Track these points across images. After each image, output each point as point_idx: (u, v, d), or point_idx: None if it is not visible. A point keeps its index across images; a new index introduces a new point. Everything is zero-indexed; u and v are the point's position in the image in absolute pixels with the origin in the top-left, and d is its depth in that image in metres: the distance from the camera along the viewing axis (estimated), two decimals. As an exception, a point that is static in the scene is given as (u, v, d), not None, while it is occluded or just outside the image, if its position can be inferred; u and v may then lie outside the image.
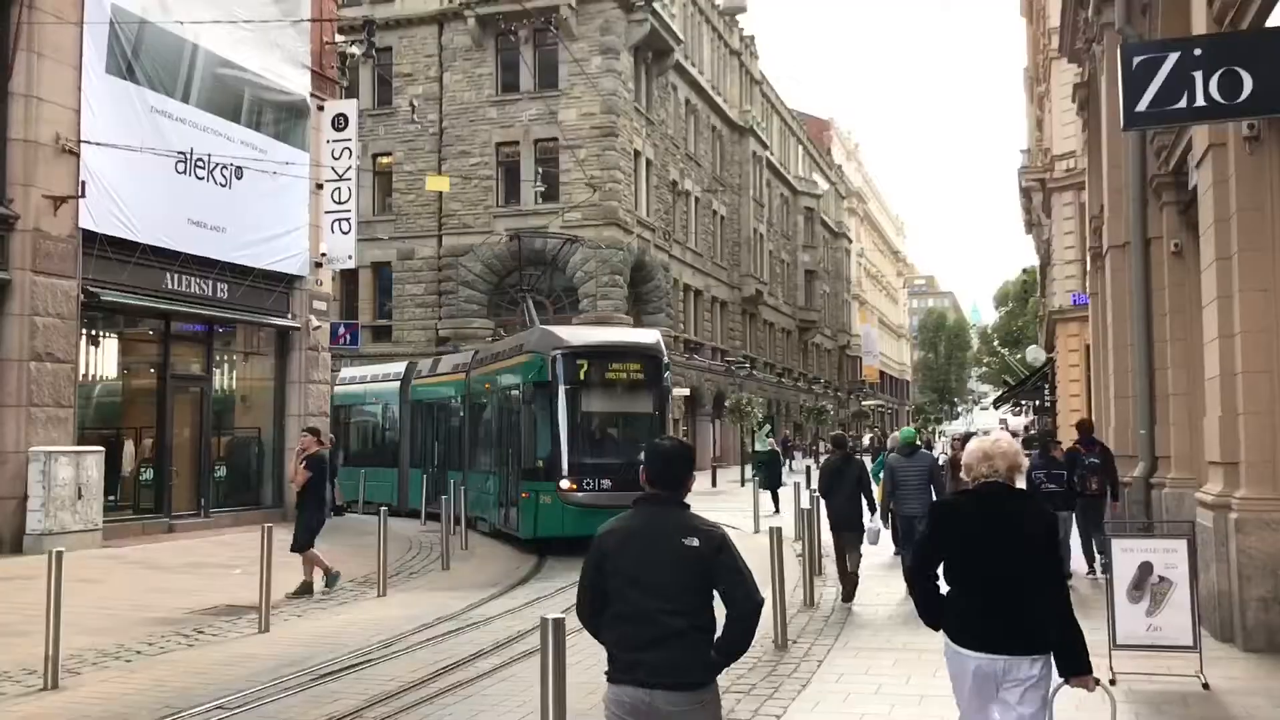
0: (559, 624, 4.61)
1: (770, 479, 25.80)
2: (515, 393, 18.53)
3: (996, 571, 4.40)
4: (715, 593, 3.96)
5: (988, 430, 51.24)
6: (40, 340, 15.56)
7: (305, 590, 12.78)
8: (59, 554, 8.63)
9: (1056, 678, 4.40)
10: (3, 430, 15.24)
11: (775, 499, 25.00)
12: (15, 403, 15.30)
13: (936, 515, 4.86)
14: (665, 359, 18.18)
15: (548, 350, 17.32)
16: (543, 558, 16.68)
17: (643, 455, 4.26)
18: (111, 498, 17.31)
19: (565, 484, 16.56)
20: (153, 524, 17.96)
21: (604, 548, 4.14)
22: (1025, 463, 5.26)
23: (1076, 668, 4.37)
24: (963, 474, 4.77)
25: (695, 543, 4.00)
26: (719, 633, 3.96)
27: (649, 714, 3.89)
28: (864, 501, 11.95)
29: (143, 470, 18.53)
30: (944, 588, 4.61)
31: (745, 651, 4.12)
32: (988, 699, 4.36)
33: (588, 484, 16.55)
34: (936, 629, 4.59)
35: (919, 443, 13.35)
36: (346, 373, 29.94)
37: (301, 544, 12.96)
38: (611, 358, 17.72)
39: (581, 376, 17.22)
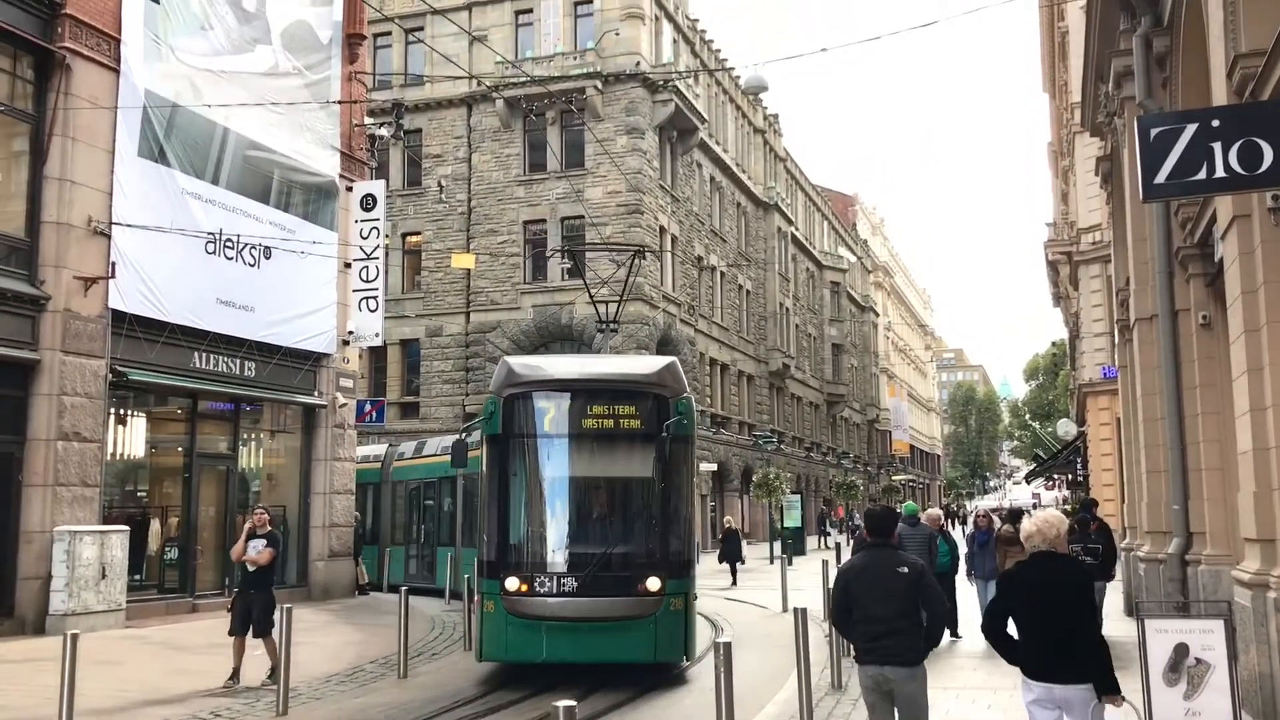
0: (570, 711, 4.48)
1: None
2: (477, 453, 13.93)
3: (1052, 621, 5.76)
4: (920, 603, 6.23)
5: (1024, 505, 50.61)
6: (68, 419, 15.67)
7: (234, 678, 11.70)
8: (74, 636, 8.56)
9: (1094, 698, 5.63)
10: (28, 510, 15.30)
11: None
12: (42, 482, 15.38)
13: (1003, 582, 6.30)
14: (678, 396, 12.52)
15: (500, 390, 12.44)
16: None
17: (861, 519, 6.34)
18: (136, 577, 17.28)
19: (512, 584, 11.63)
20: (176, 603, 17.89)
21: (848, 577, 6.52)
22: (1063, 528, 6.14)
23: (1109, 688, 5.63)
24: (1024, 544, 6.07)
25: (905, 570, 6.31)
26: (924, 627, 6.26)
27: (884, 682, 6.19)
28: None
29: (168, 549, 18.51)
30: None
31: (939, 642, 6.63)
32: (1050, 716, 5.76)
33: (543, 586, 11.58)
34: (1015, 665, 5.95)
35: (920, 516, 15.28)
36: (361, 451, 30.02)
37: (265, 628, 11.86)
38: (589, 396, 12.42)
39: (545, 425, 12.38)
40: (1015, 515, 17.54)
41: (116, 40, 16.75)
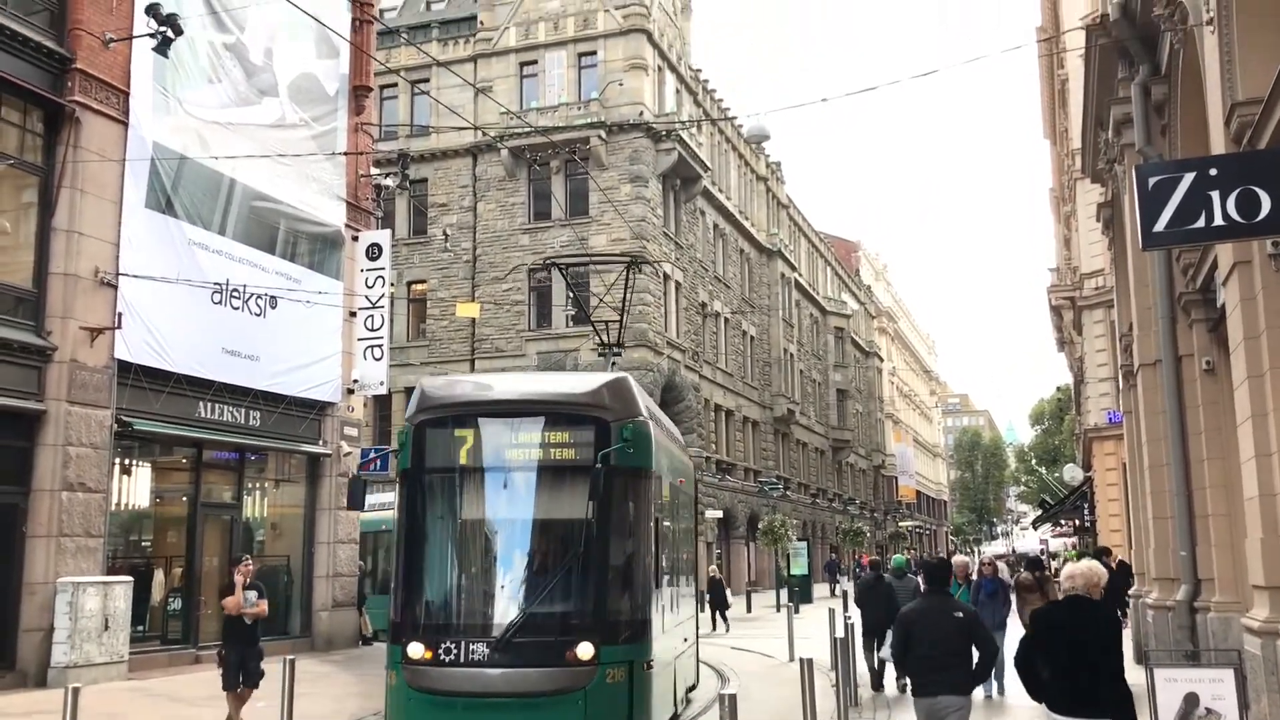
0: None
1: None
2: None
3: (1079, 661, 6.27)
4: (972, 643, 7.40)
5: (1033, 552, 50.19)
6: (73, 470, 15.67)
7: None
8: (75, 690, 8.51)
9: None
10: (32, 561, 15.26)
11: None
12: (46, 533, 15.35)
13: (1034, 621, 6.87)
14: (623, 420, 10.28)
15: (413, 417, 10.59)
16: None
17: (921, 568, 6.15)
18: (139, 628, 17.19)
19: (415, 650, 9.68)
20: (179, 654, 17.78)
21: (909, 619, 7.71)
22: (1102, 580, 6.73)
23: None
24: (1064, 583, 6.74)
25: (960, 615, 7.58)
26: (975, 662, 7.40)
27: (937, 711, 7.31)
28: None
29: (171, 599, 18.42)
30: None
31: (988, 676, 8.12)
32: None
33: (450, 654, 9.58)
34: (1040, 702, 6.49)
35: (910, 569, 17.23)
36: (376, 499, 29.92)
37: (259, 678, 12.23)
38: (512, 422, 10.31)
39: (460, 456, 10.27)
40: (1034, 563, 17.46)
41: (125, 94, 16.95)
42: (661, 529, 11.28)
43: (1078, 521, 45.24)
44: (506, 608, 9.82)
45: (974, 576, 16.41)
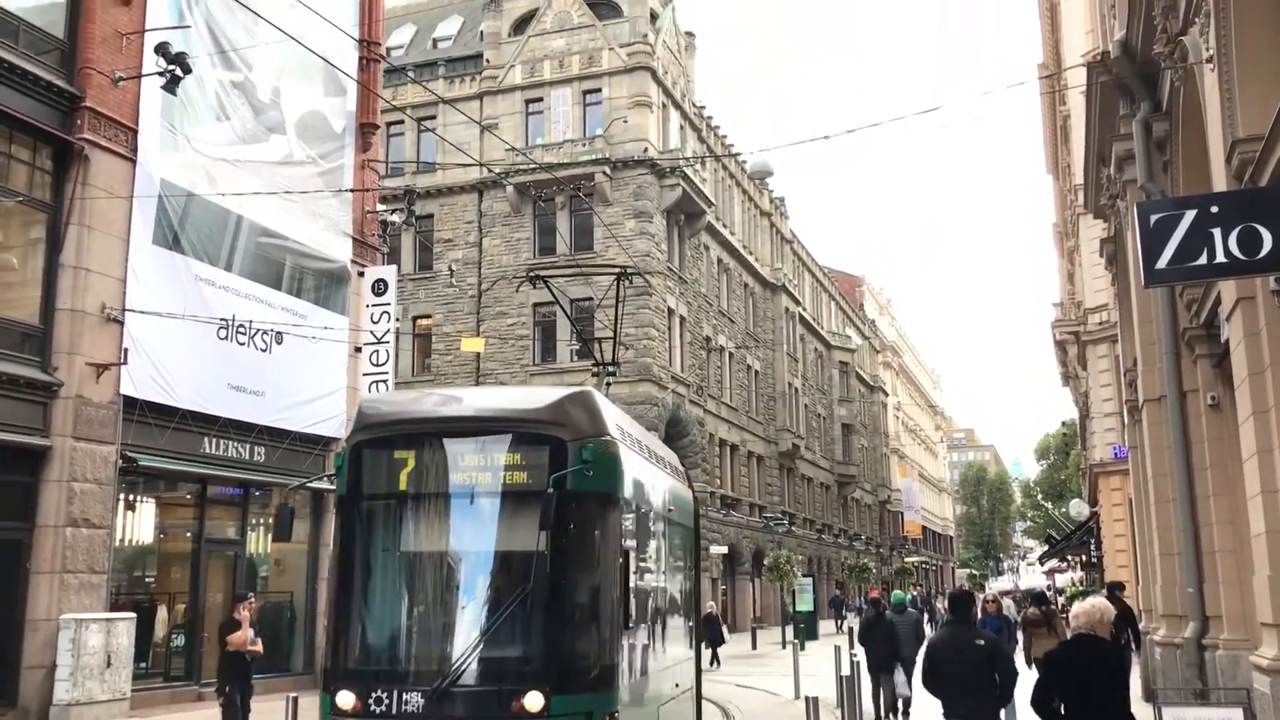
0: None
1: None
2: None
3: (1088, 698, 6.56)
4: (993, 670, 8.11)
5: (1032, 587, 49.87)
6: (77, 506, 15.66)
7: None
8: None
9: None
10: (35, 597, 15.22)
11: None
12: (49, 569, 15.32)
13: (1046, 661, 7.20)
14: (583, 440, 9.15)
15: (351, 438, 9.78)
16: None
17: (947, 601, 6.75)
18: (142, 665, 17.11)
19: (344, 700, 8.72)
20: (182, 692, 17.69)
21: (935, 648, 8.44)
22: (1106, 616, 6.89)
23: None
24: (1071, 623, 7.12)
25: (981, 643, 8.26)
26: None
27: None
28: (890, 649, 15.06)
29: (174, 636, 18.35)
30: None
31: (1010, 701, 8.30)
32: None
33: (381, 704, 8.61)
34: None
35: (908, 604, 17.44)
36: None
37: (248, 713, 12.62)
38: (455, 442, 9.24)
39: (398, 481, 9.28)
40: (1039, 599, 17.49)
41: (134, 131, 17.09)
42: (638, 562, 10.28)
43: (1084, 557, 45.02)
44: (445, 652, 8.71)
45: (978, 614, 16.35)
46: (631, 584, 9.73)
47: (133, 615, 16.36)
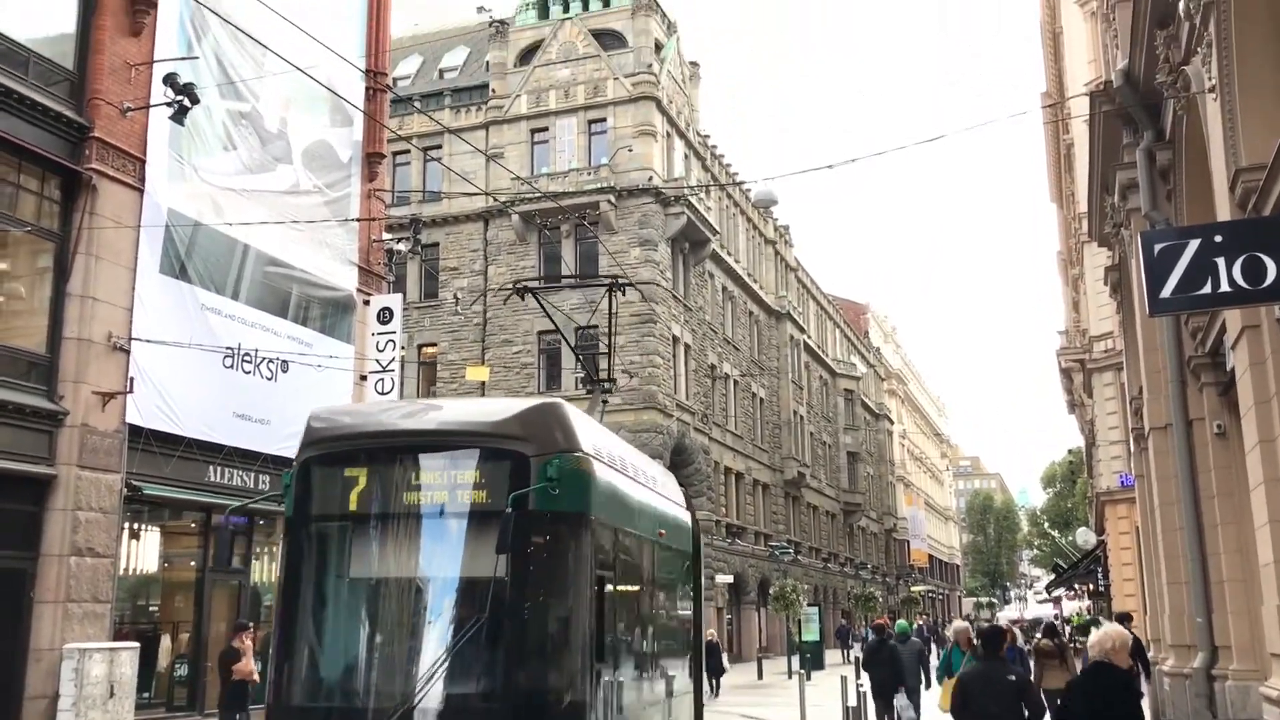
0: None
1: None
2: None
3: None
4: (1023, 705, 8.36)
5: (1040, 617, 49.56)
6: (81, 535, 15.64)
7: None
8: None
9: None
10: (38, 627, 15.17)
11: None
12: (53, 599, 15.28)
13: (1066, 691, 7.67)
14: (547, 455, 8.43)
15: (299, 455, 9.23)
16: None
17: (978, 636, 7.16)
18: (145, 695, 17.03)
19: None
20: (184, 722, 17.61)
21: (966, 681, 8.74)
22: (1120, 643, 7.10)
23: None
24: (1089, 652, 7.34)
25: (1013, 679, 8.56)
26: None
27: None
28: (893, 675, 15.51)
29: (177, 665, 18.28)
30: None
31: None
32: None
33: None
34: None
35: (911, 633, 18.26)
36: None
37: None
38: (407, 458, 8.63)
39: (349, 502, 8.65)
40: (1050, 630, 17.52)
41: (141, 161, 17.19)
42: (617, 589, 9.52)
43: (1092, 586, 44.79)
44: (394, 689, 8.02)
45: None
46: (607, 612, 9.05)
47: (136, 645, 16.30)
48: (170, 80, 16.09)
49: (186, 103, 15.96)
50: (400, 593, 8.51)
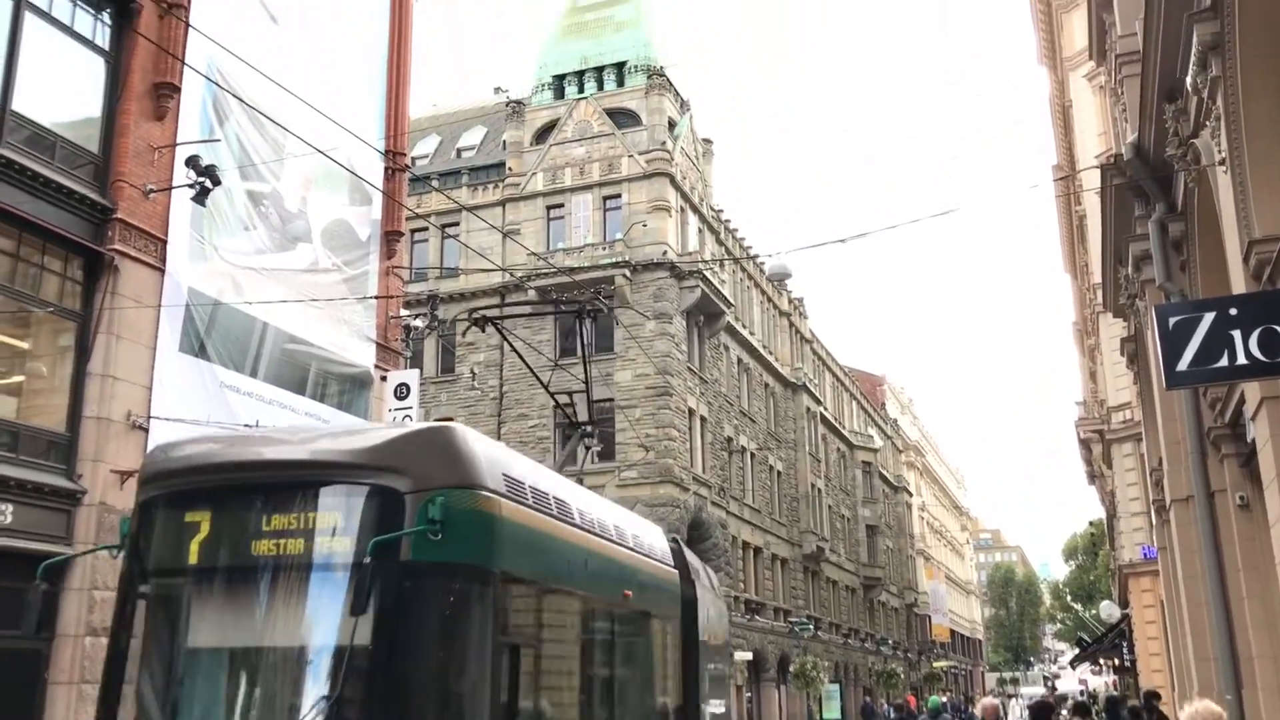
0: None
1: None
2: None
3: None
4: None
5: (1067, 693, 48.55)
6: (98, 615, 15.55)
7: None
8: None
9: None
10: (52, 710, 15.03)
11: None
12: (68, 679, 15.17)
13: None
14: (429, 490, 6.83)
15: (137, 495, 7.84)
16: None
17: (1028, 710, 7.25)
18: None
19: None
20: (197, 806, 17.33)
21: None
22: None
23: None
24: None
25: None
26: None
27: None
28: None
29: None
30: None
31: None
32: None
33: None
34: None
35: (950, 710, 17.55)
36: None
37: None
38: (255, 501, 7.08)
39: (187, 554, 7.11)
40: (1081, 709, 17.24)
41: (163, 241, 17.42)
42: (540, 664, 7.98)
43: (1117, 660, 43.99)
44: None
45: None
46: (523, 695, 7.52)
47: (150, 726, 16.13)
48: (192, 162, 16.37)
49: (208, 184, 16.22)
50: (233, 667, 6.96)
